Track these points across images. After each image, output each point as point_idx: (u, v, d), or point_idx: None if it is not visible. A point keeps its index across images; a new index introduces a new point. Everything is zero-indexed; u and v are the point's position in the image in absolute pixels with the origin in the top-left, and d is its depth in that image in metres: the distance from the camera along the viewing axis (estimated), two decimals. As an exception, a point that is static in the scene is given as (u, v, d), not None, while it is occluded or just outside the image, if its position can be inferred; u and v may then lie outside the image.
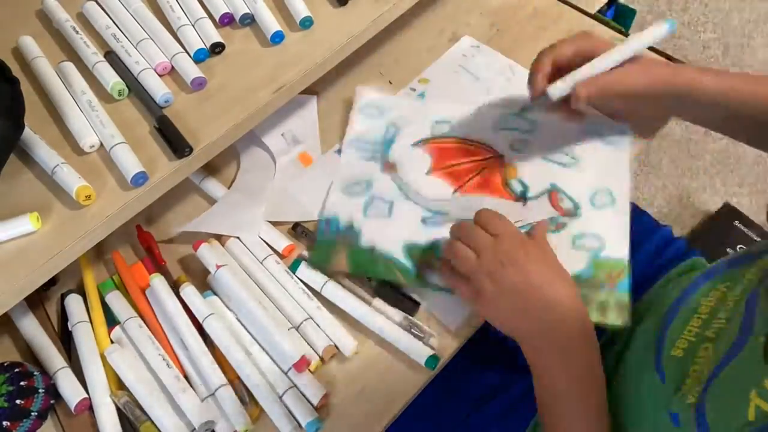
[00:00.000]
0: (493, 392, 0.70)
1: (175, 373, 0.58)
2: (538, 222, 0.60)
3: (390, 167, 0.71)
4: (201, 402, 0.57)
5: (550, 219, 0.67)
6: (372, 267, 0.64)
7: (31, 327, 0.62)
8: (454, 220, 0.66)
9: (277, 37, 0.63)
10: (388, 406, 0.59)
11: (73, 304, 0.63)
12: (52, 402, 0.57)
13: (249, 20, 0.64)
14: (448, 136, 0.73)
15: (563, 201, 0.68)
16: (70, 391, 0.57)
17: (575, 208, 0.67)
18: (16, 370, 0.56)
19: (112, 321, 0.62)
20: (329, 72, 0.64)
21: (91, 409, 0.57)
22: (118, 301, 0.63)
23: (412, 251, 0.65)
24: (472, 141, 0.73)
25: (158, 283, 0.62)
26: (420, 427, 0.67)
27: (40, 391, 0.56)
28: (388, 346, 0.62)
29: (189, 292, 0.61)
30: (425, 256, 0.64)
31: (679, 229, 1.40)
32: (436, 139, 0.73)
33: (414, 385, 0.60)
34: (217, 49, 0.62)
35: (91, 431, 0.57)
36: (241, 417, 0.56)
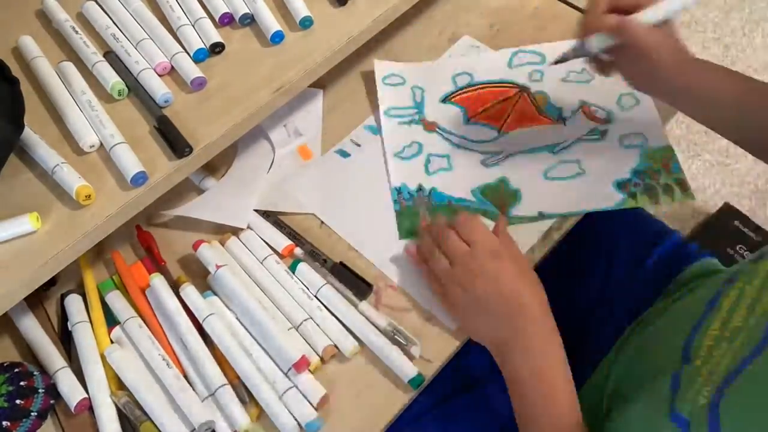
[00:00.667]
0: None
1: (175, 373, 0.58)
2: (498, 220, 0.62)
3: (431, 125, 0.75)
4: (201, 402, 0.57)
5: (592, 130, 0.73)
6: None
7: (31, 327, 0.62)
8: (509, 155, 0.72)
9: (277, 37, 0.63)
10: (388, 405, 0.59)
11: (73, 304, 0.63)
12: (52, 402, 0.57)
13: (249, 20, 0.64)
14: (472, 85, 0.78)
15: (597, 112, 0.74)
16: (70, 391, 0.57)
17: (609, 115, 0.74)
18: (16, 370, 0.56)
19: (112, 321, 0.62)
20: (332, 68, 0.65)
21: (91, 409, 0.57)
22: (118, 301, 0.63)
23: (485, 192, 0.69)
24: (494, 83, 0.78)
25: (158, 283, 0.62)
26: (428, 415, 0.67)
27: (40, 391, 0.56)
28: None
29: (189, 292, 0.61)
30: (500, 194, 0.69)
31: (679, 229, 1.40)
32: (462, 91, 0.78)
33: (414, 385, 0.60)
34: (217, 49, 0.62)
35: (91, 431, 0.57)
36: (241, 417, 0.56)
